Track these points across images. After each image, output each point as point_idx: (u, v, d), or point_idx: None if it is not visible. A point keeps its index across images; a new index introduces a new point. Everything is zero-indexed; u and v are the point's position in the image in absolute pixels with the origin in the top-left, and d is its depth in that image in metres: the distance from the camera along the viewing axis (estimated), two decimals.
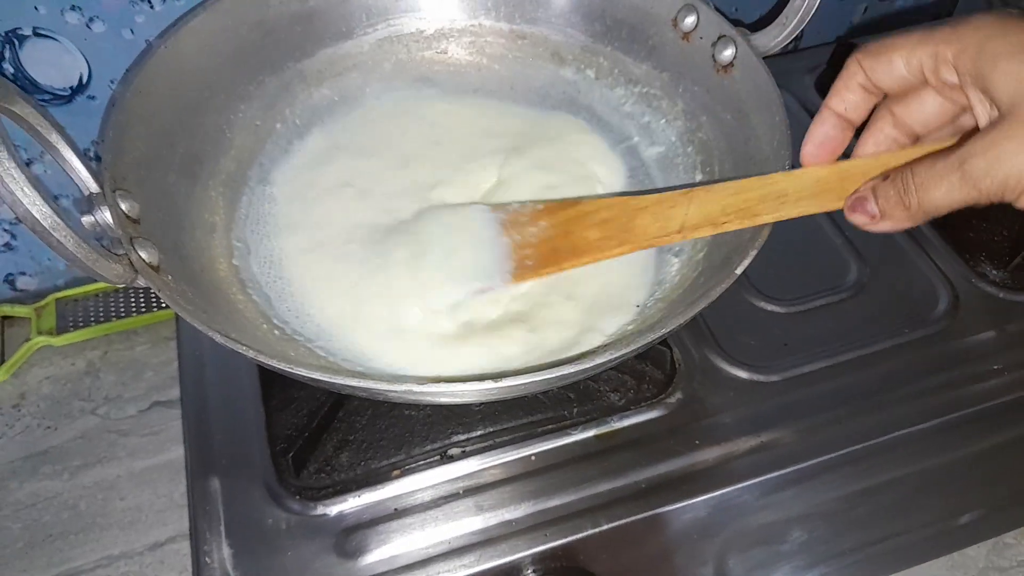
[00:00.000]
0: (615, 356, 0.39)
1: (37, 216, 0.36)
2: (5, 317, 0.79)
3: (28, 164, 0.68)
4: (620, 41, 0.61)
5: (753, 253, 0.43)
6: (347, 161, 0.59)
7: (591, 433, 0.53)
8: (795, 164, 0.45)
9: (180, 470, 0.71)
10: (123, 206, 0.45)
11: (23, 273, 0.79)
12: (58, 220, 0.37)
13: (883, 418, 0.54)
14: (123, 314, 0.80)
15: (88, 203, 0.43)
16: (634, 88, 0.61)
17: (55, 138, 0.44)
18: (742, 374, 0.56)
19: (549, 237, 0.50)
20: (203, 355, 0.58)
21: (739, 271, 0.42)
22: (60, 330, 0.78)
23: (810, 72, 0.77)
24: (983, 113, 0.36)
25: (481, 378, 0.37)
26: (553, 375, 0.38)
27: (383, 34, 0.63)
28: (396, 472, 0.52)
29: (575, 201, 0.50)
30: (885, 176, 0.38)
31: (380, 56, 0.63)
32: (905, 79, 0.39)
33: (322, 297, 0.52)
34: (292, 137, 0.60)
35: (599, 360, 0.38)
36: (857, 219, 0.39)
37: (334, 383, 0.38)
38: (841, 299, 0.61)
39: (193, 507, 0.52)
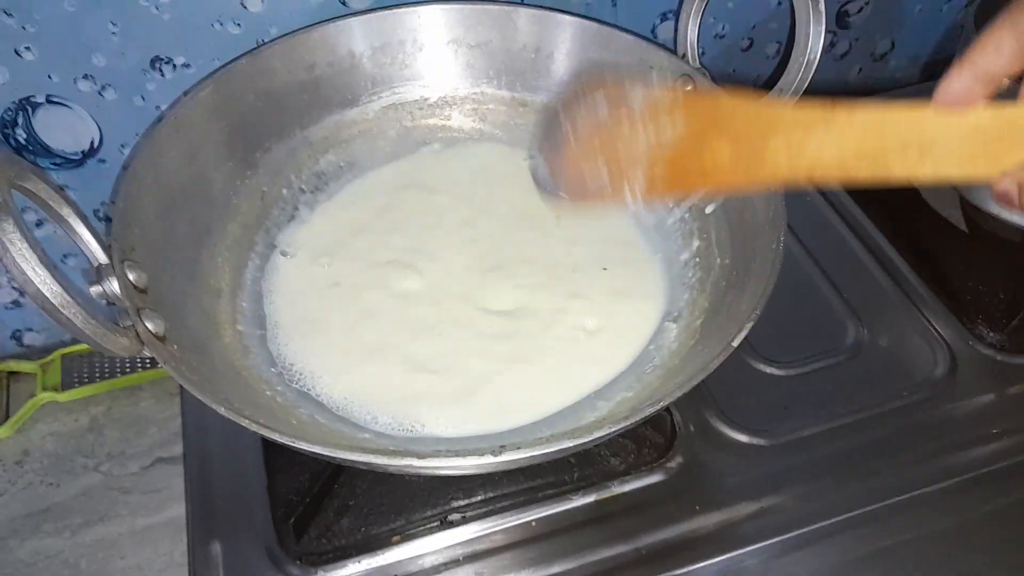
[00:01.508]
0: (615, 429, 0.39)
1: (47, 295, 0.37)
2: (11, 373, 0.80)
3: (38, 225, 0.69)
4: None
5: (749, 325, 0.43)
6: (353, 226, 0.60)
7: (592, 498, 0.53)
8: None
9: (181, 528, 0.70)
10: (131, 276, 0.46)
11: (30, 329, 0.79)
12: (67, 298, 0.37)
13: (883, 483, 0.55)
14: (128, 370, 0.80)
15: (97, 274, 0.44)
16: None
17: (66, 212, 0.45)
18: (742, 438, 0.57)
19: (681, 147, 0.44)
20: (206, 418, 0.58)
21: (735, 343, 0.43)
22: (65, 386, 0.79)
23: None
24: None
25: (480, 452, 0.38)
26: (553, 449, 0.38)
27: (387, 101, 0.64)
28: (396, 538, 0.52)
29: (714, 96, 0.44)
30: None
31: (385, 123, 0.65)
32: None
33: (326, 361, 0.53)
34: (298, 203, 0.61)
35: (599, 433, 0.39)
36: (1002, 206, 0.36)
37: (335, 457, 0.39)
38: (839, 361, 0.61)
39: (193, 570, 0.52)
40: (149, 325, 0.44)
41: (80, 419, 0.78)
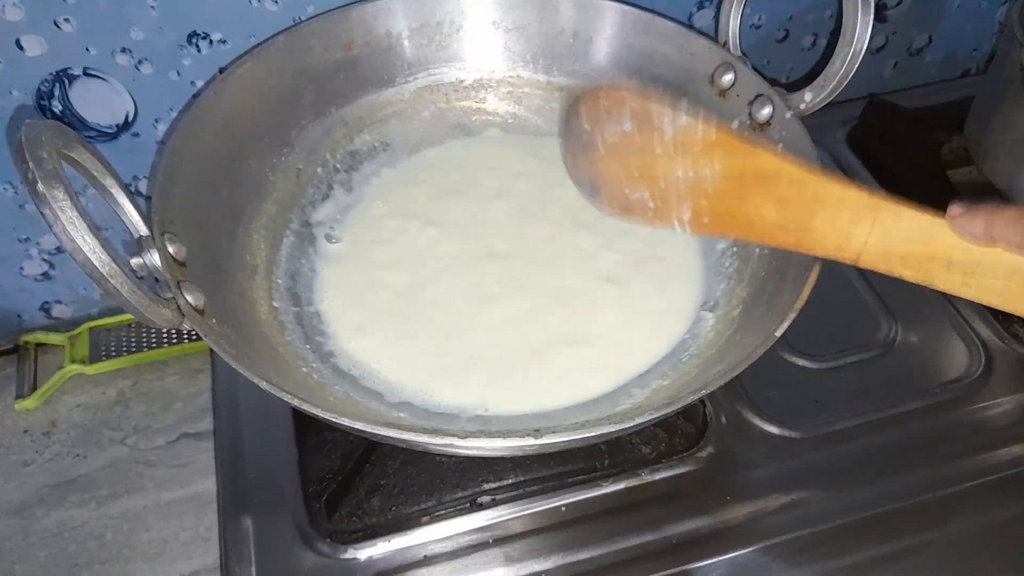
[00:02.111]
0: (656, 416, 0.39)
1: (96, 263, 0.37)
2: (39, 344, 0.80)
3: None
4: (657, 94, 0.62)
5: (793, 316, 0.43)
6: (387, 206, 0.60)
7: (622, 485, 0.53)
8: None
9: (206, 503, 0.71)
10: (171, 249, 0.46)
11: (59, 302, 0.80)
12: (115, 267, 0.38)
13: (914, 480, 0.54)
14: (155, 345, 0.80)
15: (138, 245, 0.45)
16: None
17: (110, 183, 0.45)
18: (773, 429, 0.56)
19: (724, 192, 0.45)
20: (237, 393, 0.59)
21: (779, 333, 0.42)
22: (93, 359, 0.79)
23: (842, 126, 0.77)
24: None
25: (521, 434, 0.38)
26: (593, 433, 0.38)
27: (424, 83, 0.64)
28: (426, 518, 0.52)
29: (750, 149, 0.43)
30: None
31: (420, 104, 0.64)
32: None
33: (360, 339, 0.53)
34: (332, 182, 0.61)
35: (640, 420, 0.39)
36: None
37: (376, 434, 0.39)
38: (872, 356, 0.61)
39: (224, 546, 0.52)
40: (189, 298, 0.44)
41: (107, 392, 0.79)
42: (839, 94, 0.53)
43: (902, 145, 0.75)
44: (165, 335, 0.81)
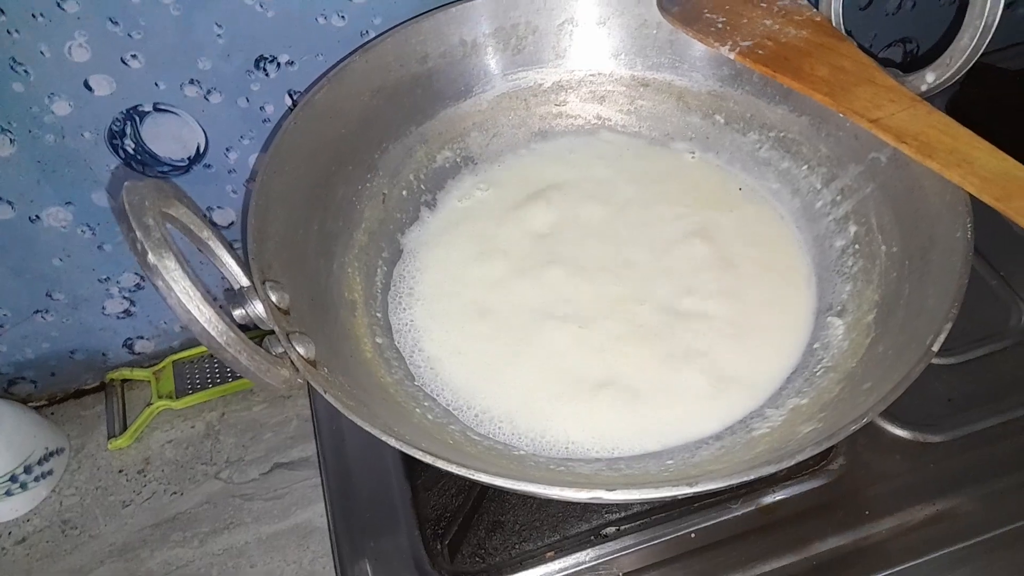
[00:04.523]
0: (816, 451, 0.36)
1: (213, 333, 0.35)
2: (124, 380, 0.80)
3: None
4: (751, 84, 0.58)
5: (948, 326, 0.40)
6: (474, 225, 0.58)
7: (752, 507, 0.50)
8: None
9: (307, 535, 0.70)
10: (273, 298, 0.44)
11: (141, 337, 0.79)
12: (232, 335, 0.36)
13: None
14: (239, 375, 0.79)
15: (240, 297, 0.43)
16: (769, 133, 0.58)
17: (207, 235, 0.43)
18: (906, 434, 0.53)
19: (792, 46, 0.52)
20: (340, 424, 0.57)
21: (935, 348, 0.39)
22: (179, 392, 0.78)
23: (942, 94, 0.72)
24: None
25: (674, 483, 0.35)
26: (751, 477, 0.35)
27: (501, 90, 0.61)
28: (550, 554, 0.50)
29: (839, 40, 0.52)
30: None
31: (499, 113, 0.61)
32: None
33: (465, 369, 0.51)
34: (419, 204, 0.59)
35: (800, 457, 0.36)
36: None
37: (516, 490, 0.36)
38: (1005, 346, 0.57)
39: None
40: (300, 350, 0.42)
41: (196, 426, 0.78)
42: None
43: (1008, 110, 0.70)
44: None
